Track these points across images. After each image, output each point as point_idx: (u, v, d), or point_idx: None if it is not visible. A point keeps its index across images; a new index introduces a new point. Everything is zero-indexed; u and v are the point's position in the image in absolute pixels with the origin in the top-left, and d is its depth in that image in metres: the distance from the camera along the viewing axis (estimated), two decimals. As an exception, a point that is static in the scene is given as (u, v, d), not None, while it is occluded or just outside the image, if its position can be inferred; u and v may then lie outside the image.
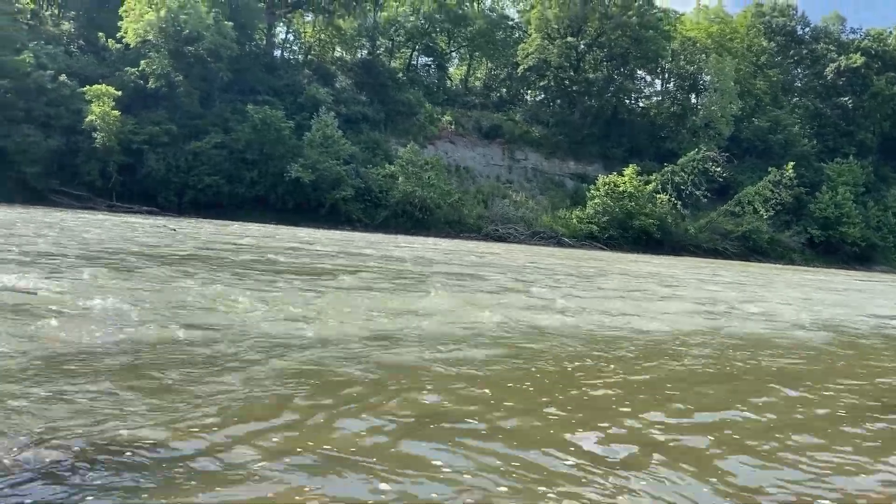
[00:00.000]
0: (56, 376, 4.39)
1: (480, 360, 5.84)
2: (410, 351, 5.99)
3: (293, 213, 46.46)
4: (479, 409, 4.33)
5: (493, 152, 62.04)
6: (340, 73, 63.64)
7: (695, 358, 6.92)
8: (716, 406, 5.04)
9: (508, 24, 75.97)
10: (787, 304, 14.59)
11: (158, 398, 4.02)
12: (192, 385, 4.40)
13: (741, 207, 59.58)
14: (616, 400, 4.89)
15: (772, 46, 77.59)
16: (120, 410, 3.78)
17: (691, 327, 9.41)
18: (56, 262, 10.27)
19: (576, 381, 5.47)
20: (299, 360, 5.23)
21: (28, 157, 42.25)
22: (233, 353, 5.29)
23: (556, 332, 7.79)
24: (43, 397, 3.94)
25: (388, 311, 7.99)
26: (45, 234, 16.46)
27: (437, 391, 4.67)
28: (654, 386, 5.47)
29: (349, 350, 5.79)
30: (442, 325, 7.49)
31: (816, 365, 7.33)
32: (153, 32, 47.86)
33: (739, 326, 9.91)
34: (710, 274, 26.06)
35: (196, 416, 3.79)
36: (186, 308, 7.03)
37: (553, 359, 6.25)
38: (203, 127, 47.98)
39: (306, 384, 4.61)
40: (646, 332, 8.51)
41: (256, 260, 14.06)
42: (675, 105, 74.17)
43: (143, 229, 22.38)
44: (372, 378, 4.90)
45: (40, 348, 4.92)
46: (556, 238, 51.84)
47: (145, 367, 4.69)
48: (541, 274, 17.76)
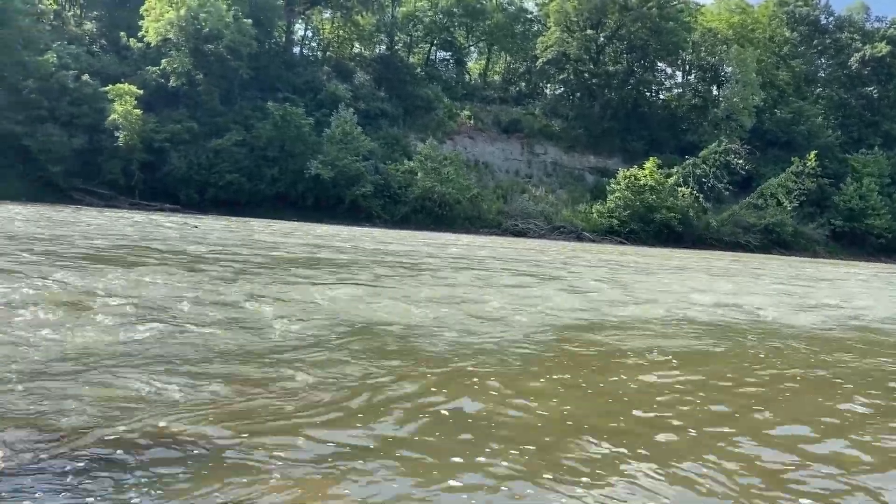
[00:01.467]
0: (118, 366, 4.50)
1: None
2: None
3: (313, 209, 46.66)
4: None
5: (512, 147, 61.85)
6: (359, 69, 63.73)
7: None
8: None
9: (527, 18, 75.56)
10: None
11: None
12: (263, 377, 4.48)
13: (764, 200, 58.93)
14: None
15: (794, 36, 76.49)
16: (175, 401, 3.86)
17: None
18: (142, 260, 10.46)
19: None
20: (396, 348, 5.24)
21: (52, 156, 42.80)
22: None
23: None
24: (97, 388, 4.03)
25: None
26: (117, 232, 16.69)
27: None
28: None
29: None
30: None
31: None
32: (174, 31, 48.21)
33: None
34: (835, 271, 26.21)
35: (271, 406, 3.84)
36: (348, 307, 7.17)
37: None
38: (224, 125, 48.28)
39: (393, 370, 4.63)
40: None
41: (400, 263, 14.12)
42: (696, 97, 73.39)
43: (218, 231, 22.48)
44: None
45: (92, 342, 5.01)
46: (576, 232, 51.62)
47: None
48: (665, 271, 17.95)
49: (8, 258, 9.59)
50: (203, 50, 48.31)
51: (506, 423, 3.95)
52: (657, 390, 4.96)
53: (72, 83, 44.98)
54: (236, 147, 46.93)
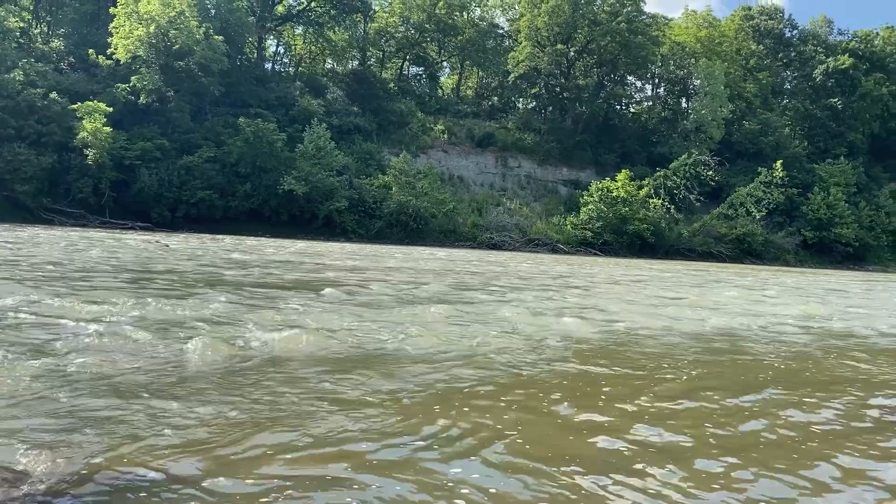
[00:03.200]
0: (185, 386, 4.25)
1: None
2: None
3: (287, 225, 46.44)
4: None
5: (486, 160, 62.18)
6: (332, 85, 63.82)
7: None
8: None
9: (498, 33, 76.34)
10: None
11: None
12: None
13: (734, 210, 59.82)
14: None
15: (760, 49, 78.08)
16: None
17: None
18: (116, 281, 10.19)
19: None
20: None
21: (19, 176, 42.09)
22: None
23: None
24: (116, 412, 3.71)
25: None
26: (91, 253, 16.30)
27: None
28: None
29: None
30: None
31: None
32: (143, 48, 47.87)
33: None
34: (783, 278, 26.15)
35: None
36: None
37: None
38: (195, 141, 47.93)
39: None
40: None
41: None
42: (665, 110, 74.53)
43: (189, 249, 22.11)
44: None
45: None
46: (551, 245, 51.91)
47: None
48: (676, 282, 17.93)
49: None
50: (173, 67, 48.02)
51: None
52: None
53: (39, 101, 44.36)
54: (208, 164, 46.58)
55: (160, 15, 47.48)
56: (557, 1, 65.61)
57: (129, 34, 47.89)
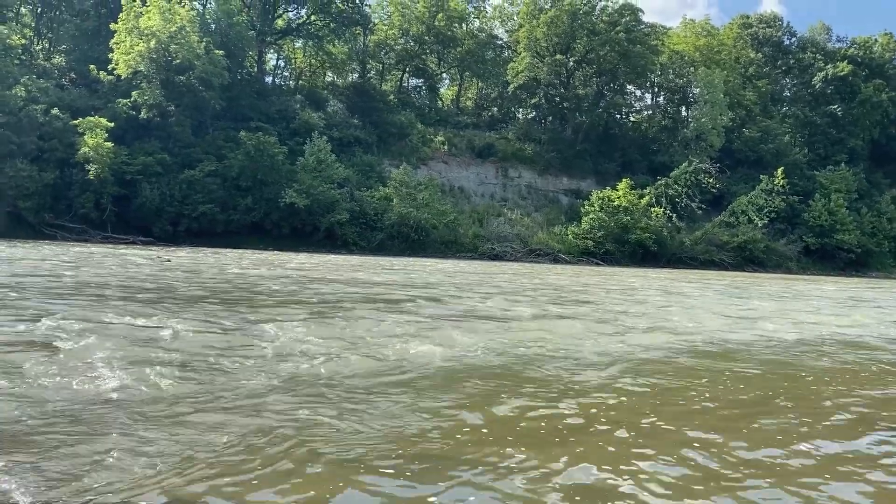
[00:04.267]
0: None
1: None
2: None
3: (289, 238, 46.47)
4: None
5: (486, 171, 62.24)
6: (332, 98, 63.99)
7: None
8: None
9: (497, 44, 76.59)
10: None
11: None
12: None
13: (735, 218, 59.84)
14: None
15: (759, 57, 78.28)
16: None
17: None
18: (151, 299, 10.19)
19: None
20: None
21: (21, 192, 42.14)
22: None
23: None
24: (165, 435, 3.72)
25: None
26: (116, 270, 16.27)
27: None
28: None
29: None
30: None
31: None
32: (144, 63, 48.04)
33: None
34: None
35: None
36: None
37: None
38: (196, 155, 48.02)
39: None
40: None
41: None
42: (665, 118, 74.65)
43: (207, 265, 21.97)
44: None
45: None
46: (552, 255, 51.86)
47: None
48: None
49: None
50: (174, 81, 48.18)
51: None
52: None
53: (41, 117, 44.49)
54: (209, 178, 46.65)
55: (161, 30, 47.69)
56: (556, 12, 65.92)
57: (130, 49, 48.07)
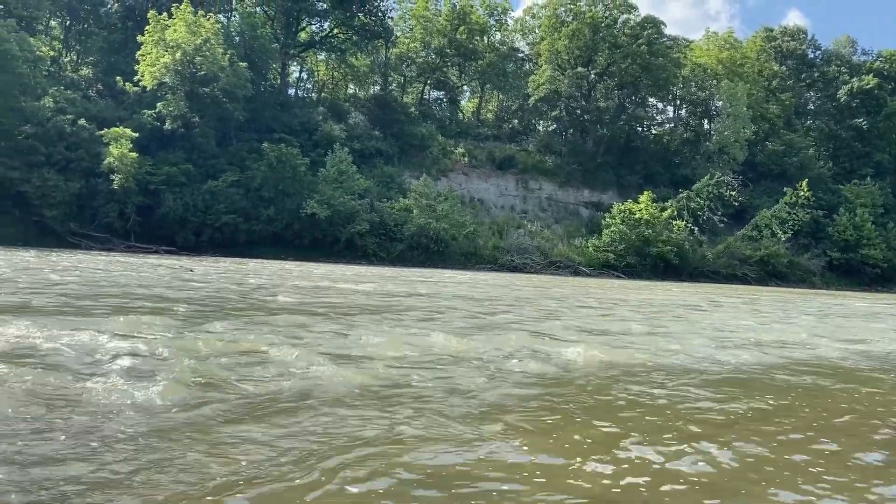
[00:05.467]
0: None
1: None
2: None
3: (310, 248, 46.70)
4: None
5: (506, 183, 62.21)
6: (354, 110, 64.39)
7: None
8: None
9: (518, 57, 76.73)
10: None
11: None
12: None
13: (758, 231, 59.24)
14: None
15: (783, 70, 77.71)
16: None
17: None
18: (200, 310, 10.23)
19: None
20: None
21: (48, 201, 42.79)
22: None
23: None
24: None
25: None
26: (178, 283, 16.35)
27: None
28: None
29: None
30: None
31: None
32: (169, 75, 48.69)
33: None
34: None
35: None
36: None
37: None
38: (220, 166, 48.52)
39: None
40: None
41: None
42: (688, 131, 74.24)
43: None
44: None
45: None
46: (572, 267, 51.62)
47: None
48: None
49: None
50: (199, 93, 48.76)
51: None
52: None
53: (68, 128, 45.22)
54: (232, 188, 47.08)
55: (186, 42, 48.34)
56: (578, 25, 65.96)
57: (156, 61, 48.75)
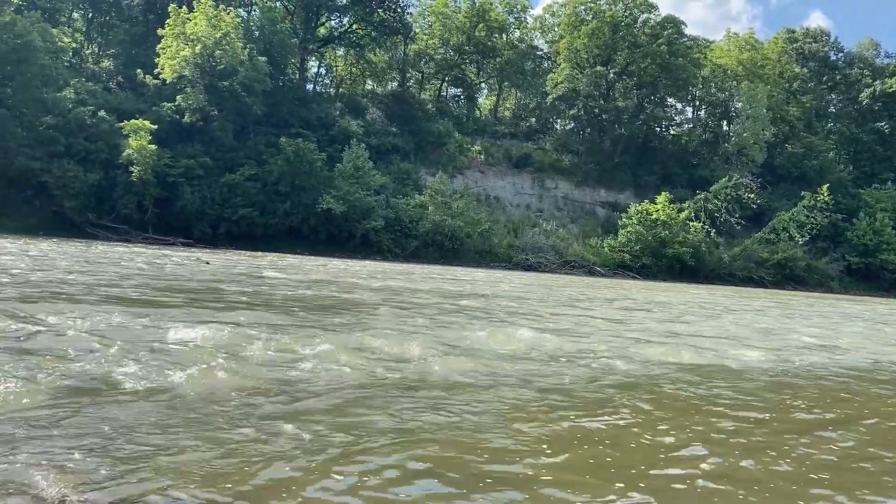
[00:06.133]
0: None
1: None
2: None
3: (325, 243, 46.84)
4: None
5: (522, 181, 62.08)
6: (371, 105, 64.46)
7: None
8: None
9: (537, 55, 76.46)
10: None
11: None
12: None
13: (776, 234, 58.73)
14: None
15: (804, 72, 76.92)
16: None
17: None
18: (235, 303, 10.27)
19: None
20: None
21: (68, 192, 43.22)
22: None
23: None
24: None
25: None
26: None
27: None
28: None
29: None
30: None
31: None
32: (189, 68, 48.96)
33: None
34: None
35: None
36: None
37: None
38: (237, 160, 48.77)
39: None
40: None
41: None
42: (706, 132, 73.72)
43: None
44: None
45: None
46: (587, 267, 51.45)
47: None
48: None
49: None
50: (218, 87, 49.00)
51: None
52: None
53: (89, 119, 45.61)
54: (249, 182, 47.31)
55: (206, 36, 48.59)
56: (597, 23, 65.65)
57: (176, 54, 49.03)
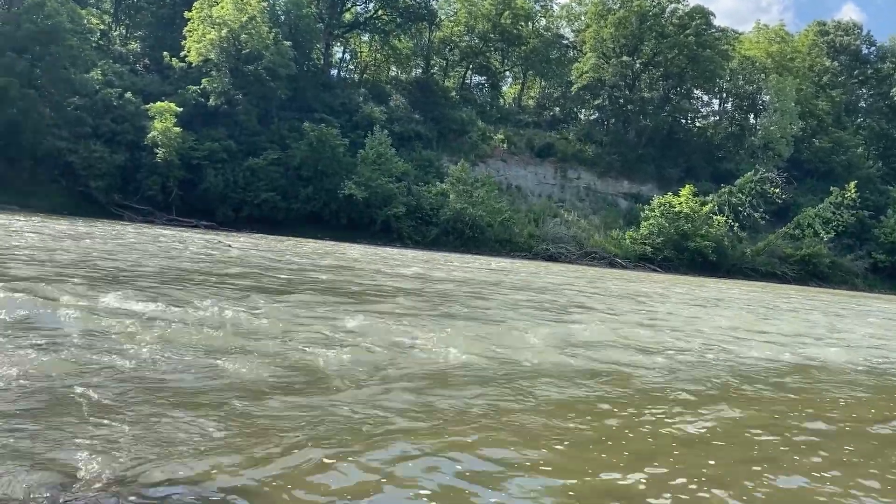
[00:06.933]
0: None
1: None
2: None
3: (346, 229, 47.01)
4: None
5: (545, 171, 61.78)
6: (395, 92, 64.38)
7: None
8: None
9: (563, 44, 75.80)
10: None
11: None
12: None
13: (800, 230, 58.00)
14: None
15: (835, 66, 75.58)
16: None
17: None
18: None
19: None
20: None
21: (94, 172, 43.74)
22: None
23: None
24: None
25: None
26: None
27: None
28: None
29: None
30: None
31: None
32: (215, 52, 49.21)
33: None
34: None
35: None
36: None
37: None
38: (260, 144, 49.01)
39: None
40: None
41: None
42: (732, 125, 72.84)
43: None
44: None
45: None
46: (608, 259, 51.18)
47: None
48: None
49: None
50: (243, 70, 49.22)
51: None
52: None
53: (115, 101, 46.08)
54: (272, 166, 47.56)
55: (233, 20, 48.77)
56: (625, 13, 64.92)
57: (202, 38, 49.28)
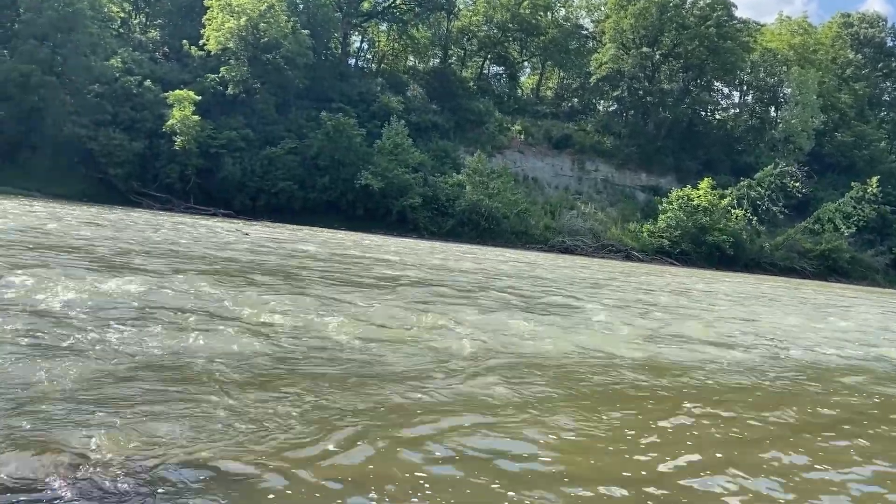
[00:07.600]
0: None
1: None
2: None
3: (362, 219, 47.07)
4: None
5: (562, 162, 61.46)
6: (412, 82, 64.24)
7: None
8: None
9: (582, 34, 75.22)
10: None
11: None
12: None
13: (820, 225, 57.37)
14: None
15: (858, 59, 74.51)
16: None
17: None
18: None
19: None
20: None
21: (113, 159, 44.11)
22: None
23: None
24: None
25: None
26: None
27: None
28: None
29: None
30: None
31: None
32: (233, 40, 49.34)
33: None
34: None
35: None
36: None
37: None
38: (278, 133, 49.14)
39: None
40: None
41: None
42: (753, 118, 72.07)
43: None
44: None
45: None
46: (625, 251, 50.93)
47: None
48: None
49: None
50: (261, 59, 49.32)
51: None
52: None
53: (135, 89, 46.35)
54: (289, 155, 47.69)
55: (251, 8, 48.85)
56: (645, 3, 64.27)
57: (221, 26, 49.42)
